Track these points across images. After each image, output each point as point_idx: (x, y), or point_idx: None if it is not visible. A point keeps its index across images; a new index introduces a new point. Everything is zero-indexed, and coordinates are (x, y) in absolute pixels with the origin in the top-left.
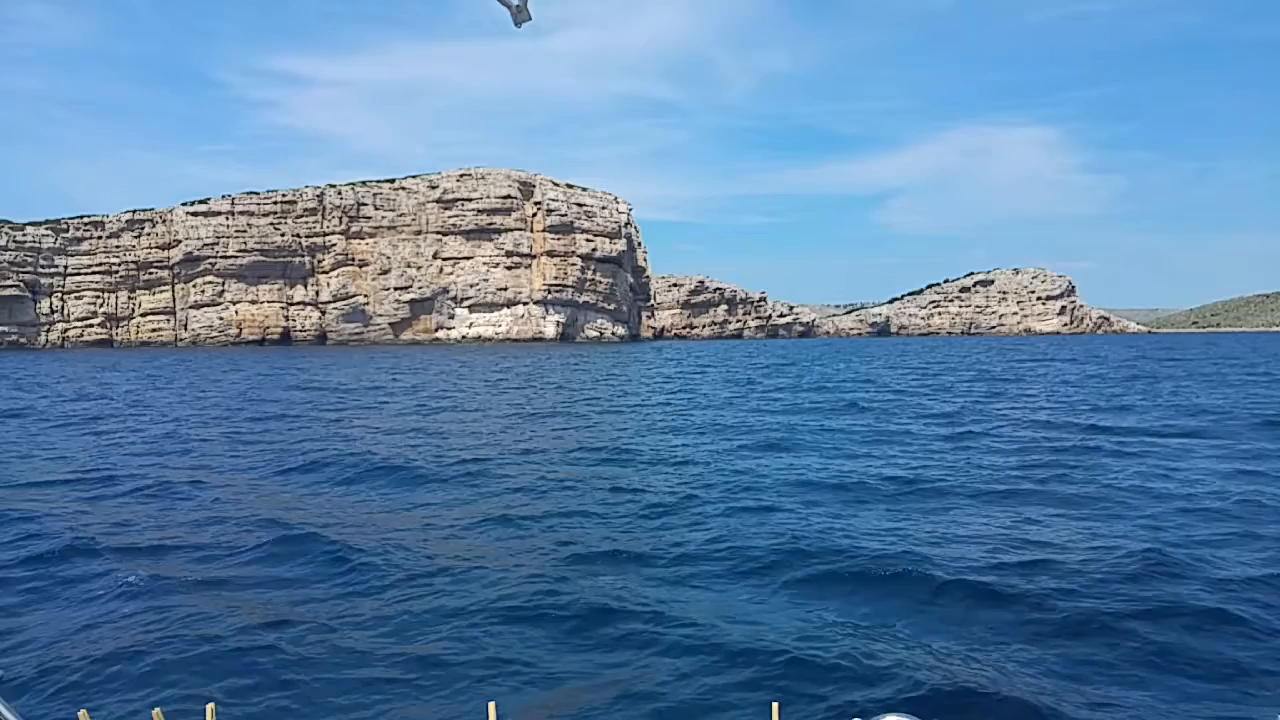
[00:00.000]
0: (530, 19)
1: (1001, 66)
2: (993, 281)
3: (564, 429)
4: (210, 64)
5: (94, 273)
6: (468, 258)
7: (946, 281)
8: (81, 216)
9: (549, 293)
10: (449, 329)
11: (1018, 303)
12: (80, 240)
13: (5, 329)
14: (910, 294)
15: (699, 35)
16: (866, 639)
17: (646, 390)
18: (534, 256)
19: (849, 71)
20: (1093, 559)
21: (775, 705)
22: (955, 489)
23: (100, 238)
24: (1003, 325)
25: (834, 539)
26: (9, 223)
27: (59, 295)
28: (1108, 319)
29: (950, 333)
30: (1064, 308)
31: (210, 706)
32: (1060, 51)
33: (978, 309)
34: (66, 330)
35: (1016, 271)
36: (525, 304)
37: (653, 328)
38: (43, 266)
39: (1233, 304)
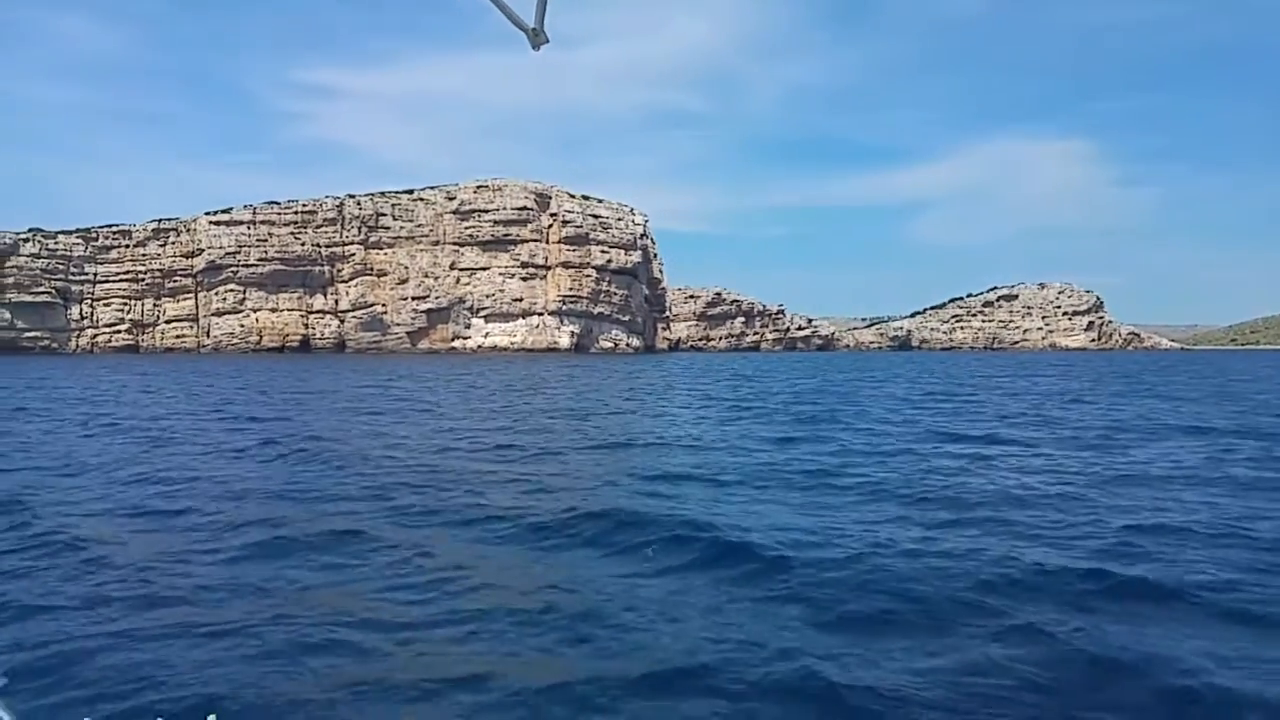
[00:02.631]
0: (548, 41)
1: (1034, 77)
2: (1017, 296)
3: None
4: (242, 76)
5: (121, 280)
6: (484, 268)
7: (969, 296)
8: (110, 225)
9: (564, 304)
10: (465, 338)
11: (1042, 318)
12: (109, 249)
13: (38, 334)
14: (932, 308)
15: (725, 46)
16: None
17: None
18: (549, 268)
19: (877, 83)
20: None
21: None
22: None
23: (128, 246)
24: (1026, 341)
25: None
26: (41, 231)
27: (88, 302)
28: (1137, 335)
29: (973, 347)
30: (1091, 323)
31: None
32: (1095, 62)
33: (1001, 324)
34: (95, 336)
35: (1042, 286)
36: (540, 314)
37: (668, 339)
38: (73, 274)
39: (1274, 320)
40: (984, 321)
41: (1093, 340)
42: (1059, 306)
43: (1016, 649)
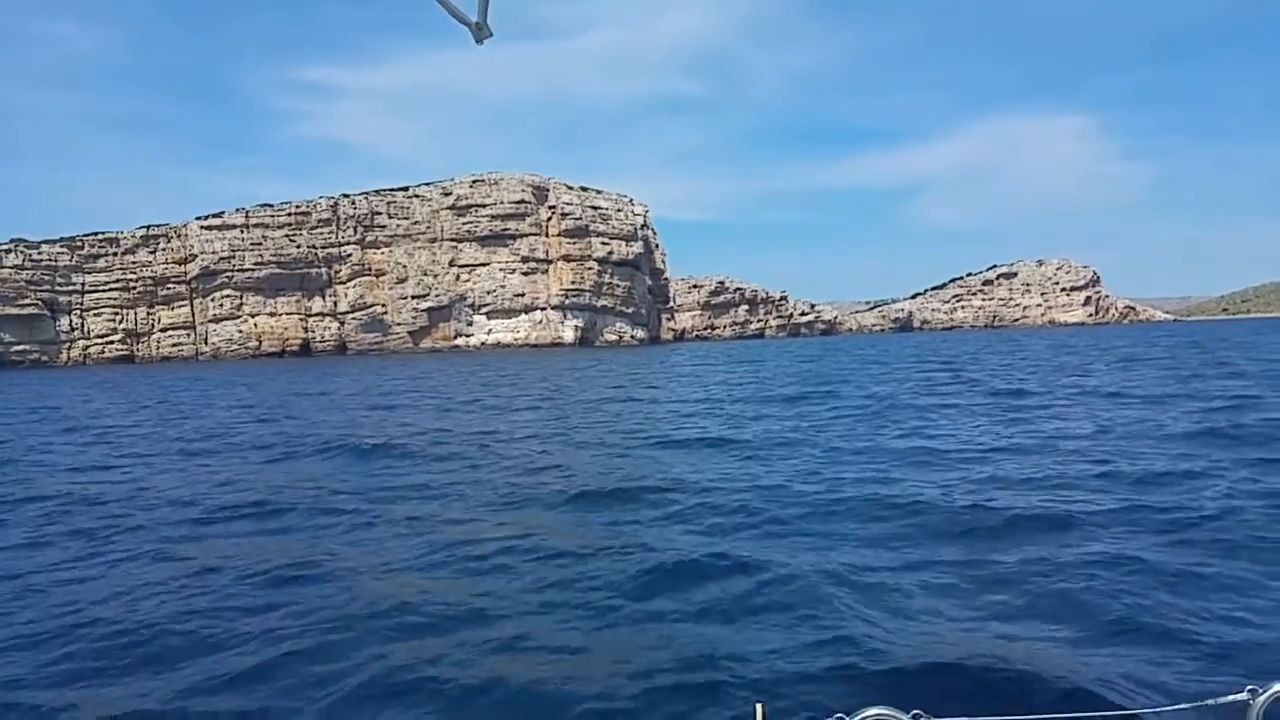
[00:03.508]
0: (491, 35)
1: (1034, 55)
2: (1016, 274)
3: None
4: (234, 76)
5: (112, 289)
6: (484, 264)
7: (969, 275)
8: (96, 233)
9: (566, 297)
10: (468, 336)
11: (1041, 294)
12: (96, 257)
13: (26, 347)
14: (933, 288)
15: (725, 32)
16: None
17: None
18: (550, 261)
19: (877, 65)
20: None
21: (760, 706)
22: None
23: (116, 254)
24: (1026, 318)
25: None
26: (24, 241)
27: (78, 312)
28: (1133, 309)
29: (973, 326)
30: (1089, 298)
31: None
32: (1094, 38)
33: (1001, 302)
34: (88, 347)
35: (1040, 263)
36: (543, 309)
37: (673, 330)
38: (60, 284)
39: (1264, 289)
40: (984, 300)
41: (1090, 315)
42: (1057, 283)
43: (854, 553)
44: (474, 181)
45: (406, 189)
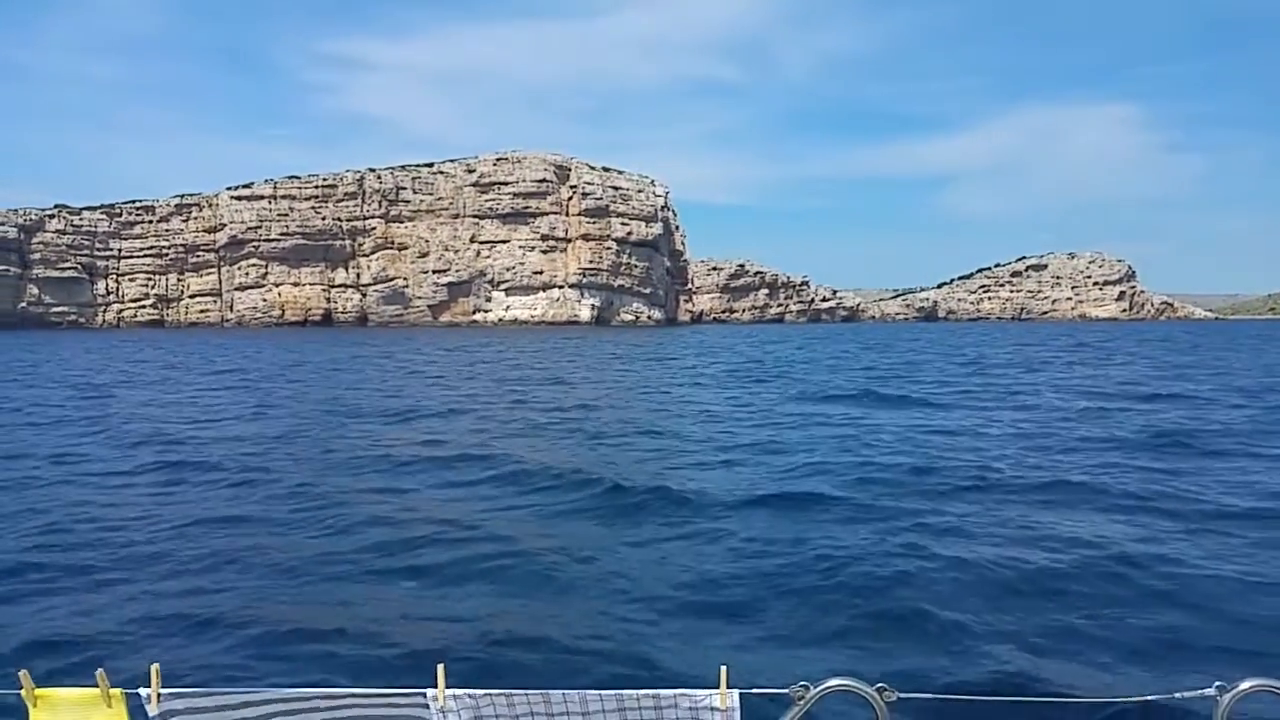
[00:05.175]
0: None
1: (1078, 40)
2: (1046, 266)
3: None
4: (270, 47)
5: (145, 255)
6: (504, 241)
7: (997, 265)
8: (133, 201)
9: (584, 276)
10: (486, 312)
11: (1072, 288)
12: (133, 224)
13: (65, 309)
14: (960, 278)
15: (761, 13)
16: None
17: None
18: (569, 240)
19: (915, 49)
20: None
21: (724, 668)
22: None
23: (151, 222)
24: (1055, 311)
25: None
26: (66, 207)
27: (114, 277)
28: (1171, 304)
29: (1000, 318)
30: (1123, 293)
31: (154, 667)
32: (1142, 24)
33: (1029, 294)
34: (121, 311)
35: (1072, 255)
36: (561, 287)
37: (691, 311)
38: (98, 249)
39: None
40: (1012, 291)
41: (1124, 310)
42: (1089, 276)
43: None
44: (497, 159)
45: (431, 165)
